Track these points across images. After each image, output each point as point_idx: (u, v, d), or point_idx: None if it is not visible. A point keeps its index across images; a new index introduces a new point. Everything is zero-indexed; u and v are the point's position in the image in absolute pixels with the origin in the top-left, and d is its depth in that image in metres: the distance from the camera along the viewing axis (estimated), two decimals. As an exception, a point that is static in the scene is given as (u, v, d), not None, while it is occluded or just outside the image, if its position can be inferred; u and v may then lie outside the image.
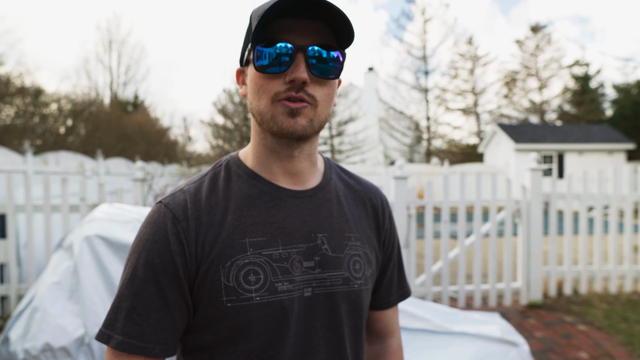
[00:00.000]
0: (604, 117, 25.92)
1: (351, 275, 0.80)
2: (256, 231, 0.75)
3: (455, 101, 28.09)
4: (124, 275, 0.73)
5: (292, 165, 0.79)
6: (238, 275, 0.72)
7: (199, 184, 0.79)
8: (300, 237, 0.77)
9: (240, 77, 0.83)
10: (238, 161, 0.82)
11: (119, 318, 0.70)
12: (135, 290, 0.70)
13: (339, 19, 0.70)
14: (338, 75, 0.76)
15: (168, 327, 0.71)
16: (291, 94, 0.71)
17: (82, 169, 8.87)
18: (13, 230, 3.98)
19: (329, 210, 0.82)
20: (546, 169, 16.71)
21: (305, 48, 0.71)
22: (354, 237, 0.83)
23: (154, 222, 0.74)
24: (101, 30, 29.93)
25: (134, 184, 4.20)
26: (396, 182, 4.17)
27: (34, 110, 13.38)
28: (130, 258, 0.73)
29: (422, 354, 2.27)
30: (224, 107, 18.97)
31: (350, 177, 0.92)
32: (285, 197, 0.78)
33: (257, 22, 0.70)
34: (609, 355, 3.19)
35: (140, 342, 0.69)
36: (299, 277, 0.75)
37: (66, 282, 2.45)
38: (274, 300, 0.73)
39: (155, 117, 28.18)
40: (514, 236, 5.42)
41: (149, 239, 0.72)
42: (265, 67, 0.71)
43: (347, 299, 0.79)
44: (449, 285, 4.59)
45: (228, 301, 0.71)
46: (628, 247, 4.82)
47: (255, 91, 0.74)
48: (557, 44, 26.98)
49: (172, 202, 0.75)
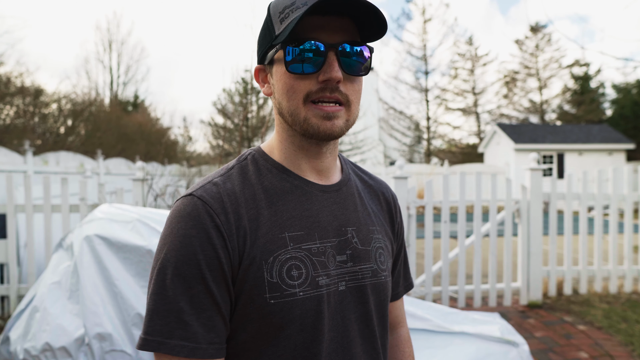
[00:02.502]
0: (604, 117, 25.93)
1: (378, 267, 0.82)
2: (294, 225, 0.74)
3: (455, 101, 28.11)
4: (160, 276, 0.68)
5: (319, 162, 0.80)
6: (281, 270, 0.70)
7: (227, 177, 0.76)
8: (332, 231, 0.78)
9: (260, 75, 0.81)
10: (264, 155, 0.80)
11: (168, 322, 0.65)
12: (180, 290, 0.66)
13: (370, 13, 0.70)
14: (368, 71, 0.76)
15: (219, 325, 0.68)
16: (325, 94, 0.71)
17: (82, 169, 8.87)
18: (13, 230, 3.98)
19: (354, 204, 0.83)
20: (546, 169, 16.72)
21: (337, 46, 0.71)
22: (376, 230, 0.85)
23: (187, 215, 0.69)
24: (101, 30, 29.95)
25: (134, 184, 4.19)
26: (396, 182, 4.17)
27: (34, 110, 13.38)
28: (166, 257, 0.68)
29: (422, 354, 2.27)
30: (224, 107, 18.97)
31: (363, 173, 0.94)
32: (315, 191, 0.79)
33: (284, 23, 0.70)
34: (608, 355, 3.19)
35: (194, 343, 0.65)
36: (334, 271, 0.76)
37: (66, 282, 2.45)
38: (316, 295, 0.72)
39: (155, 117, 28.18)
40: (514, 236, 5.42)
41: (186, 234, 0.67)
42: (297, 67, 0.71)
43: (376, 290, 0.81)
44: (449, 285, 4.59)
45: (271, 298, 0.69)
46: (628, 247, 4.82)
47: (285, 91, 0.73)
48: (557, 43, 26.99)
49: (206, 195, 0.71)
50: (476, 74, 27.88)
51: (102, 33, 29.79)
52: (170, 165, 14.55)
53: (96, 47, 29.56)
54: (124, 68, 27.64)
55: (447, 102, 27.80)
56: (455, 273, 5.46)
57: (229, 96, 19.12)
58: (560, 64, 27.16)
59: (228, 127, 18.26)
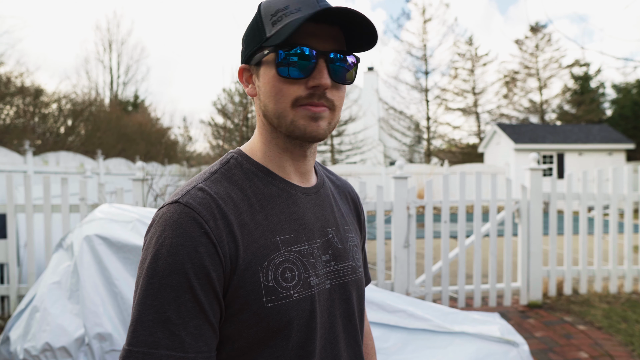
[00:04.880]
0: (604, 117, 25.93)
1: (356, 264, 0.87)
2: (284, 228, 0.75)
3: (455, 101, 28.08)
4: (147, 284, 0.66)
5: (302, 164, 0.82)
6: (276, 273, 0.71)
7: (212, 181, 0.74)
8: (317, 232, 0.80)
9: (244, 74, 0.81)
10: (247, 158, 0.80)
11: (153, 332, 0.64)
12: (166, 299, 0.64)
13: (363, 25, 0.72)
14: (354, 80, 0.78)
15: (207, 333, 0.67)
16: (313, 100, 0.72)
17: (82, 169, 8.87)
18: (13, 230, 3.98)
19: (330, 205, 0.87)
20: (546, 169, 16.72)
21: (327, 54, 0.72)
22: (350, 229, 0.89)
23: (174, 223, 0.67)
24: (101, 30, 29.92)
25: (134, 184, 4.19)
26: (396, 182, 4.17)
27: (34, 110, 13.38)
28: (152, 266, 0.66)
29: (422, 354, 2.27)
30: (223, 107, 18.98)
31: (331, 174, 0.98)
32: (299, 194, 0.81)
33: (277, 26, 0.71)
34: (608, 355, 3.19)
35: (181, 352, 0.64)
36: (321, 271, 0.79)
37: (66, 282, 2.45)
38: (309, 295, 0.74)
39: (155, 117, 28.15)
40: (514, 236, 5.43)
41: (173, 243, 0.66)
42: (288, 72, 0.71)
43: (355, 286, 0.85)
44: (449, 285, 4.59)
45: (268, 301, 0.70)
46: (628, 247, 4.82)
47: (274, 94, 0.74)
48: (557, 43, 26.98)
49: (192, 201, 0.69)
50: (476, 74, 27.85)
51: (102, 33, 29.78)
52: (170, 165, 14.55)
53: (96, 47, 29.56)
54: (124, 68, 27.65)
55: (447, 102, 27.78)
56: (455, 273, 5.46)
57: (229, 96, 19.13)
58: (560, 64, 27.14)
59: (228, 127, 18.25)
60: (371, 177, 15.38)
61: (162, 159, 17.29)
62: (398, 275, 4.16)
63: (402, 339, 2.35)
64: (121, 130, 17.69)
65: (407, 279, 4.18)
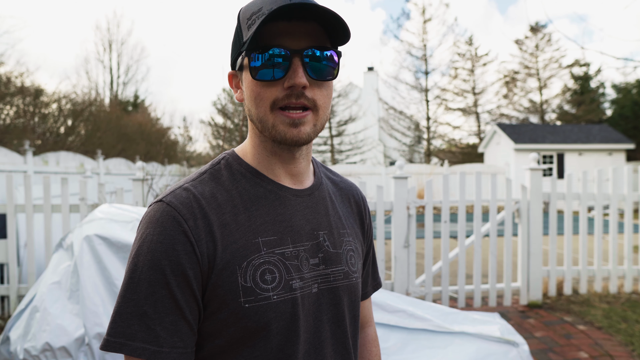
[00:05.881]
0: (604, 117, 25.93)
1: (349, 269, 0.84)
2: (267, 230, 0.75)
3: (455, 101, 28.06)
4: (128, 279, 0.69)
5: (293, 167, 0.80)
6: (255, 275, 0.71)
7: (199, 181, 0.76)
8: (306, 235, 0.79)
9: (233, 80, 0.82)
10: (238, 159, 0.80)
11: (130, 324, 0.66)
12: (144, 294, 0.67)
13: (331, 19, 0.70)
14: (335, 76, 0.76)
15: (183, 329, 0.68)
16: (291, 101, 0.71)
17: (82, 169, 8.87)
18: (13, 230, 3.99)
19: (325, 208, 0.85)
20: (546, 169, 16.73)
21: (301, 52, 0.70)
22: (346, 233, 0.87)
23: (156, 221, 0.70)
24: (101, 30, 29.90)
25: (134, 184, 4.19)
26: (396, 182, 4.17)
27: (34, 110, 13.36)
28: (134, 261, 0.69)
29: (422, 354, 2.27)
30: (223, 107, 18.98)
31: (334, 175, 0.95)
32: (289, 196, 0.80)
33: (251, 30, 0.70)
34: (608, 355, 3.20)
35: (155, 346, 0.66)
36: (308, 274, 0.77)
37: (66, 282, 2.45)
38: (290, 298, 0.73)
39: (155, 117, 28.13)
40: (514, 236, 5.43)
41: (153, 240, 0.68)
42: (262, 74, 0.71)
43: (348, 292, 0.83)
44: (449, 285, 4.59)
45: (246, 302, 0.70)
46: (628, 247, 4.82)
47: (253, 98, 0.74)
48: (557, 43, 26.97)
49: (175, 200, 0.71)
50: (476, 74, 27.83)
51: (102, 33, 29.75)
52: (170, 165, 14.56)
53: (96, 47, 29.51)
54: (124, 68, 27.63)
55: (447, 102, 27.76)
56: (455, 273, 5.47)
57: (229, 96, 19.14)
58: (560, 64, 27.13)
59: (228, 127, 18.26)
60: (371, 177, 15.37)
61: (162, 159, 17.28)
62: (398, 275, 4.16)
63: (402, 339, 2.35)
64: (121, 130, 17.68)
65: (407, 279, 4.18)
